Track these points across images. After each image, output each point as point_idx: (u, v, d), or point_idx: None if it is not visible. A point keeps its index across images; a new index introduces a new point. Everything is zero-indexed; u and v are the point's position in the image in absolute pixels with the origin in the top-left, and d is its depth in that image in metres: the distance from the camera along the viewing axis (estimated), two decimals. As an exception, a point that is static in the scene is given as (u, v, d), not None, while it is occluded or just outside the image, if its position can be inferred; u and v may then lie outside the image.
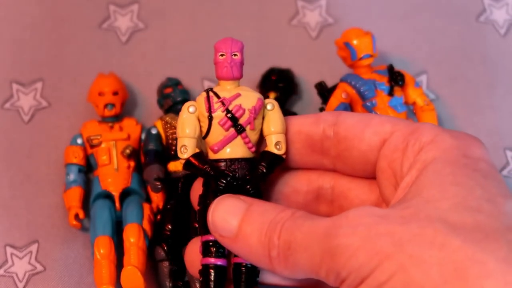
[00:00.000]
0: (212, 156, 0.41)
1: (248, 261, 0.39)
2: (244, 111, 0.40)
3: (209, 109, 0.40)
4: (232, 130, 0.40)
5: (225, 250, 0.40)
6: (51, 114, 0.64)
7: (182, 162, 0.40)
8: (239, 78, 0.41)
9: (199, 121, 0.41)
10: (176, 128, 0.59)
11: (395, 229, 0.32)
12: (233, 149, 0.40)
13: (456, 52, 0.68)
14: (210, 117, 0.40)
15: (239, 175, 0.40)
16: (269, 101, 0.42)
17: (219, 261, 0.40)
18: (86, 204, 0.59)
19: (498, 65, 0.67)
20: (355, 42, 0.59)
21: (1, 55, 0.67)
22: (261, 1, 0.71)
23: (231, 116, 0.40)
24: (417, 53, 0.68)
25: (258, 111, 0.41)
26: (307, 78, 0.66)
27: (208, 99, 0.40)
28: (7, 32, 0.68)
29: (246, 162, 0.40)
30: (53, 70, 0.66)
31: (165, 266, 0.55)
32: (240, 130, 0.40)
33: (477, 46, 0.68)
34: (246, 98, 0.41)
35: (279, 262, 0.36)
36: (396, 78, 0.59)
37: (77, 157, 0.60)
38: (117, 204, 0.58)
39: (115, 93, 0.61)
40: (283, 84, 0.64)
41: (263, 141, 0.42)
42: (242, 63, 0.41)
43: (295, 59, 0.67)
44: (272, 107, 0.41)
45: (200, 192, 0.41)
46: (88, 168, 0.61)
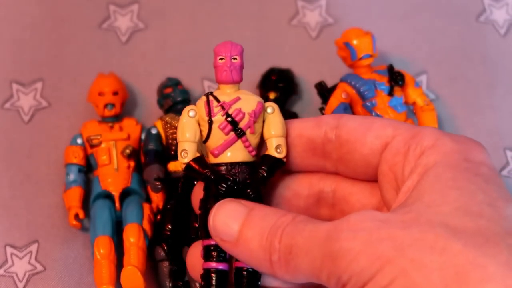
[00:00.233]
0: (213, 160, 0.41)
1: (249, 265, 0.39)
2: (244, 114, 0.40)
3: (209, 113, 0.40)
4: (232, 134, 0.40)
5: (227, 255, 0.40)
6: (51, 114, 0.64)
7: (183, 167, 0.40)
8: (239, 81, 0.41)
9: (199, 125, 0.41)
10: (176, 128, 0.59)
11: (396, 234, 0.32)
12: (234, 153, 0.40)
13: (456, 52, 0.68)
14: (210, 121, 0.40)
15: (240, 179, 0.40)
16: (269, 105, 0.41)
17: (220, 265, 0.39)
18: (86, 204, 0.59)
19: (498, 65, 0.67)
20: (355, 42, 0.59)
21: (1, 55, 0.67)
22: (261, 1, 0.71)
23: (231, 120, 0.40)
24: (417, 53, 0.68)
25: (258, 114, 0.41)
26: (307, 78, 0.66)
27: (208, 103, 0.40)
28: (7, 32, 0.68)
29: (247, 166, 0.40)
30: (53, 70, 0.66)
31: (165, 266, 0.55)
32: (240, 134, 0.40)
33: (477, 46, 0.68)
34: (246, 102, 0.40)
35: (280, 267, 0.36)
36: (396, 78, 0.59)
37: (77, 157, 0.60)
38: (117, 204, 0.58)
39: (115, 93, 0.61)
40: (283, 84, 0.64)
41: (263, 144, 0.42)
42: (242, 67, 0.41)
43: (295, 59, 0.67)
44: (272, 110, 0.41)
45: (201, 196, 0.41)
46: (88, 168, 0.61)
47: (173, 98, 0.61)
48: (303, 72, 0.66)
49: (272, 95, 0.63)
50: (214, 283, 0.39)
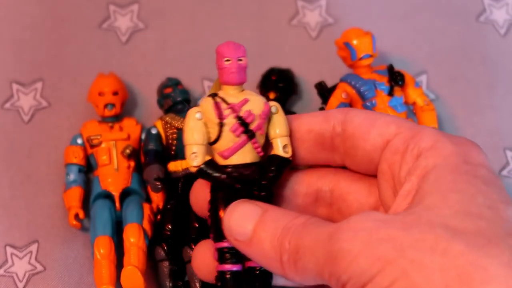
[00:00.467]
0: (222, 162, 0.40)
1: (261, 265, 0.39)
2: (254, 116, 0.40)
3: (220, 116, 0.40)
4: (243, 136, 0.40)
5: (240, 255, 0.40)
6: (51, 114, 0.64)
7: (194, 170, 0.40)
8: (245, 82, 0.41)
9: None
10: (176, 128, 0.59)
11: (396, 234, 0.32)
12: (243, 155, 0.40)
13: (456, 52, 0.68)
14: (221, 124, 0.40)
15: (251, 180, 0.40)
16: (273, 104, 0.42)
17: (235, 267, 0.40)
18: (86, 204, 0.59)
19: (498, 65, 0.67)
20: (355, 42, 0.59)
21: (1, 55, 0.67)
22: (261, 1, 0.71)
23: (242, 122, 0.40)
24: (417, 53, 0.68)
25: (267, 115, 0.41)
26: (307, 78, 0.66)
27: (216, 106, 0.40)
28: (7, 32, 0.68)
29: (256, 167, 0.41)
30: (53, 70, 0.66)
31: (165, 266, 0.55)
32: (251, 135, 0.40)
33: (477, 46, 0.68)
34: (254, 103, 0.41)
35: (290, 267, 0.36)
36: (396, 78, 0.59)
37: (77, 157, 0.60)
38: (117, 204, 0.58)
39: (115, 93, 0.61)
40: (283, 84, 0.64)
41: (268, 144, 0.42)
42: (247, 67, 0.41)
43: (295, 59, 0.67)
44: (276, 110, 0.41)
45: (200, 196, 0.41)
46: (88, 168, 0.61)
47: (173, 98, 0.61)
48: (303, 72, 0.66)
49: (272, 95, 0.63)
50: (230, 285, 0.39)
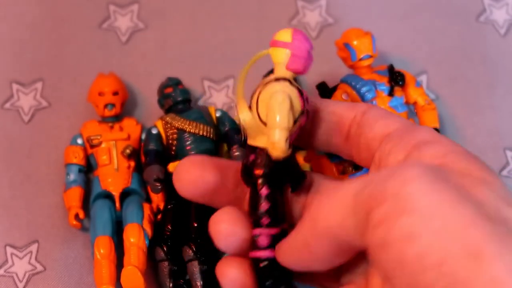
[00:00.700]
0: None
1: None
2: None
3: (303, 105, 0.40)
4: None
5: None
6: (51, 114, 0.64)
7: (282, 156, 0.39)
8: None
9: None
10: (176, 129, 0.59)
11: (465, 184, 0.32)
12: None
13: (456, 52, 0.68)
14: (302, 113, 0.40)
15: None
16: None
17: (270, 253, 0.39)
18: (86, 204, 0.59)
19: (498, 65, 0.67)
20: (354, 43, 0.59)
21: (1, 55, 0.67)
22: (261, 1, 0.71)
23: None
24: (417, 53, 0.68)
25: None
26: (307, 78, 0.66)
27: (300, 93, 0.40)
28: (7, 32, 0.68)
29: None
30: (53, 70, 0.66)
31: (165, 266, 0.55)
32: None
33: (477, 46, 0.68)
34: None
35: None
36: (396, 79, 0.59)
37: (77, 157, 0.60)
38: (117, 204, 0.58)
39: (115, 93, 0.61)
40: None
41: None
42: None
43: (295, 59, 0.67)
44: None
45: (191, 175, 0.40)
46: (88, 168, 0.61)
47: (173, 98, 0.61)
48: (303, 72, 0.66)
49: (273, 95, 0.63)
50: (271, 270, 0.39)
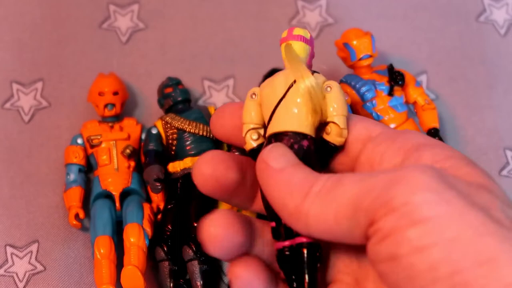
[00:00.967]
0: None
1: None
2: None
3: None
4: None
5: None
6: (51, 114, 0.64)
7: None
8: None
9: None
10: (176, 129, 0.59)
11: (464, 190, 0.31)
12: None
13: (456, 52, 0.68)
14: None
15: None
16: None
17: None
18: (86, 204, 0.59)
19: (498, 65, 0.67)
20: (354, 43, 0.59)
21: (1, 55, 0.67)
22: (261, 1, 0.71)
23: None
24: (417, 53, 0.68)
25: None
26: (307, 78, 0.66)
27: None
28: (7, 32, 0.68)
29: None
30: (53, 70, 0.67)
31: (165, 266, 0.55)
32: None
33: (477, 46, 0.68)
34: None
35: (316, 199, 0.33)
36: (395, 78, 0.59)
37: (77, 157, 0.60)
38: (117, 204, 0.58)
39: (115, 93, 0.61)
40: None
41: None
42: None
43: (295, 59, 0.67)
44: None
45: (226, 120, 0.40)
46: (88, 168, 0.61)
47: (173, 98, 0.61)
48: (303, 72, 0.66)
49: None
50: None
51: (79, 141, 0.61)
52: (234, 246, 0.39)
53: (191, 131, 0.59)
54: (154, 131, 0.60)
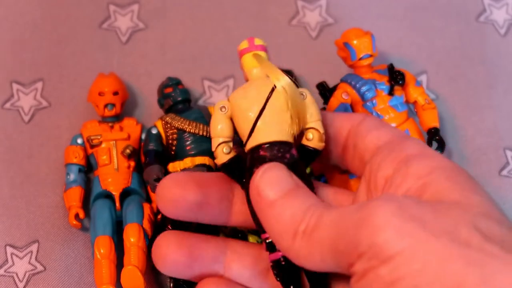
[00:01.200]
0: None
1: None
2: None
3: None
4: None
5: None
6: (51, 114, 0.64)
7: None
8: None
9: None
10: (176, 129, 0.59)
11: (428, 217, 0.32)
12: None
13: (456, 52, 0.68)
14: None
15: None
16: None
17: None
18: (86, 204, 0.59)
19: (498, 65, 0.67)
20: (354, 42, 0.59)
21: (1, 55, 0.67)
22: (261, 1, 0.71)
23: None
24: (417, 53, 0.68)
25: None
26: (307, 78, 0.66)
27: None
28: (7, 32, 0.68)
29: None
30: (53, 70, 0.67)
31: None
32: None
33: (477, 46, 0.68)
34: None
35: (303, 238, 0.35)
36: (396, 78, 0.59)
37: (77, 157, 0.60)
38: (117, 204, 0.58)
39: (115, 93, 0.61)
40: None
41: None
42: None
43: (295, 59, 0.67)
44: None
45: (174, 195, 0.41)
46: (88, 168, 0.61)
47: (173, 98, 0.61)
48: (303, 72, 0.66)
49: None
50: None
51: (79, 141, 0.61)
52: (177, 264, 0.40)
53: (191, 131, 0.59)
54: (154, 131, 0.60)
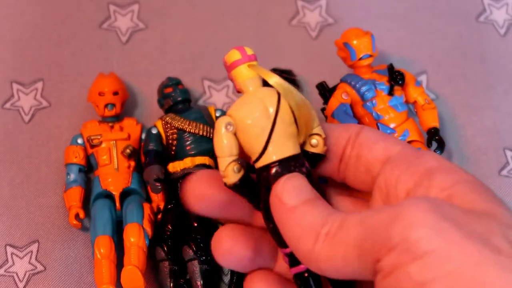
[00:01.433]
0: None
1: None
2: None
3: None
4: None
5: None
6: (51, 114, 0.64)
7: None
8: None
9: None
10: (176, 129, 0.59)
11: (462, 220, 0.31)
12: None
13: (456, 52, 0.68)
14: None
15: None
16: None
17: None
18: (87, 204, 0.59)
19: (498, 65, 0.67)
20: (354, 42, 0.59)
21: (1, 55, 0.67)
22: (261, 1, 0.71)
23: None
24: (417, 53, 0.68)
25: None
26: (307, 78, 0.66)
27: None
28: (7, 32, 0.68)
29: None
30: (53, 70, 0.67)
31: (165, 266, 0.55)
32: None
33: (476, 46, 0.68)
34: None
35: (325, 240, 0.34)
36: (396, 78, 0.59)
37: (77, 157, 0.60)
38: (118, 204, 0.58)
39: (115, 93, 0.61)
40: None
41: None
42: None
43: (295, 59, 0.67)
44: None
45: (201, 191, 0.40)
46: (88, 168, 0.61)
47: (173, 98, 0.61)
48: (303, 72, 0.66)
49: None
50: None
51: (79, 141, 0.61)
52: (243, 258, 0.39)
53: (191, 131, 0.59)
54: (154, 131, 0.60)
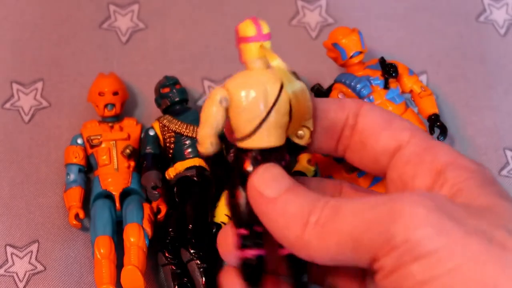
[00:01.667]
0: None
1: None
2: None
3: None
4: None
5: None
6: (51, 114, 0.64)
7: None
8: None
9: None
10: (173, 132, 0.59)
11: (465, 218, 0.31)
12: None
13: (456, 52, 0.68)
14: None
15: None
16: None
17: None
18: (86, 204, 0.59)
19: (498, 65, 0.67)
20: (343, 42, 0.59)
21: (1, 55, 0.67)
22: (261, 1, 0.71)
23: None
24: (417, 53, 0.68)
25: None
26: (307, 78, 0.66)
27: None
28: (7, 32, 0.68)
29: None
30: (53, 70, 0.67)
31: (167, 270, 0.55)
32: None
33: (477, 46, 0.68)
34: None
35: (314, 229, 0.33)
36: (389, 71, 0.59)
37: (77, 157, 0.60)
38: (117, 204, 0.58)
39: (115, 93, 0.61)
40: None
41: None
42: None
43: (295, 59, 0.67)
44: None
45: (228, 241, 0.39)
46: (88, 168, 0.61)
47: (171, 98, 0.61)
48: (303, 72, 0.66)
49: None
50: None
51: (79, 141, 0.61)
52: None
53: (189, 134, 0.59)
54: (151, 132, 0.60)
